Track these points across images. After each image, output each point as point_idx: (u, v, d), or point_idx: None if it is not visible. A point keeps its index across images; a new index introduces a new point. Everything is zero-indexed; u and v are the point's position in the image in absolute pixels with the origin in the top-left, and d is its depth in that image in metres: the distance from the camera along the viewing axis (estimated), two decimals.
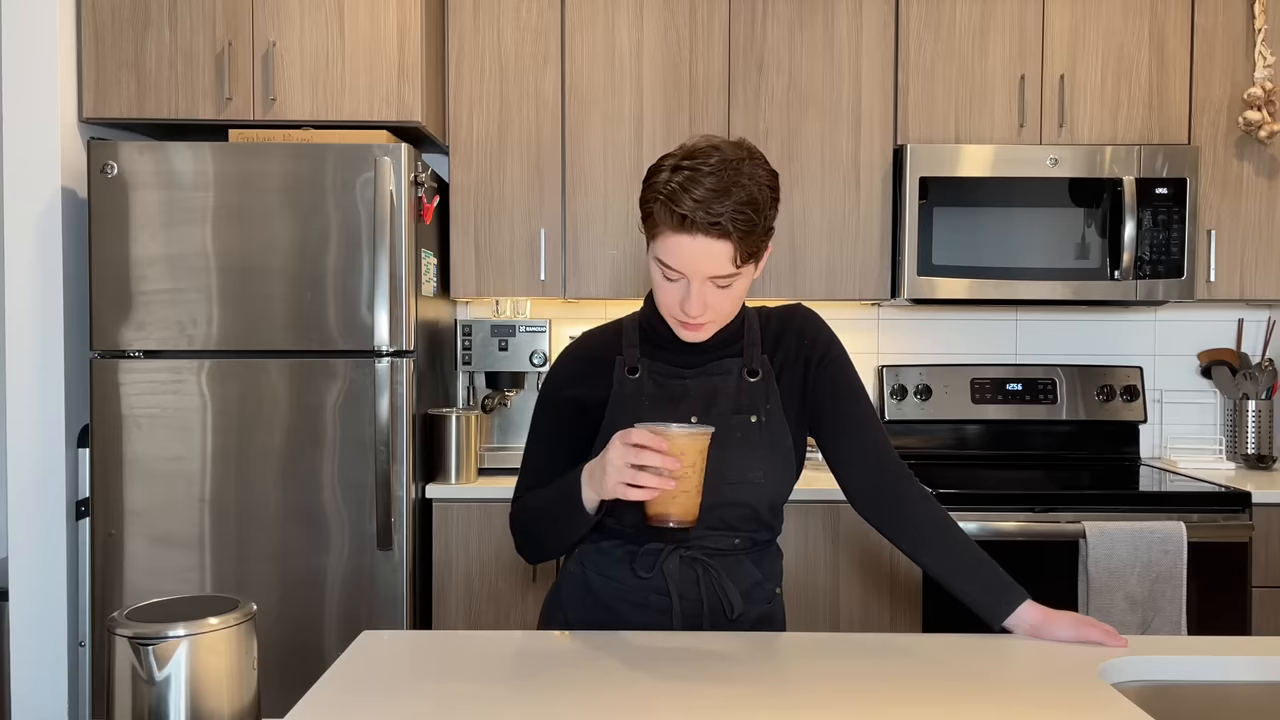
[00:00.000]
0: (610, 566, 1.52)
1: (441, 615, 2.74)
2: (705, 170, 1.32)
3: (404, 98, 2.73)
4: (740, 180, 1.33)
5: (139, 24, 2.70)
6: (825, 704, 1.18)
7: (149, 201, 2.53)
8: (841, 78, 2.97)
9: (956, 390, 3.21)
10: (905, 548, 1.49)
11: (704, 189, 1.31)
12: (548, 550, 1.49)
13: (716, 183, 1.32)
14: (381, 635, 1.43)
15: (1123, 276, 2.87)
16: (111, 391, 2.55)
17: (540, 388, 1.58)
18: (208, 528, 2.56)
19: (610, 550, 1.53)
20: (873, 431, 1.52)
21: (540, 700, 1.19)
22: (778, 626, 1.58)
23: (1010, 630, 1.44)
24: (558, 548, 1.48)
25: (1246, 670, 1.36)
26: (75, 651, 2.66)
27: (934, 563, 1.47)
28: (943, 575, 1.47)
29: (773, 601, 1.56)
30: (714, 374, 1.50)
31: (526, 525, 1.51)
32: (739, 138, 1.41)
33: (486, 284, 2.97)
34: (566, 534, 1.43)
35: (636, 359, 1.52)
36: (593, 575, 1.54)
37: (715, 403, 1.48)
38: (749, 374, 1.50)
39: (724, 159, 1.34)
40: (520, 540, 1.53)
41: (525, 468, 1.55)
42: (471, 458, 2.81)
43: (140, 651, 1.16)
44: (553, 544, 1.48)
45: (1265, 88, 2.89)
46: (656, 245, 1.38)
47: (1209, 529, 2.64)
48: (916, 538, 1.48)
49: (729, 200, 1.32)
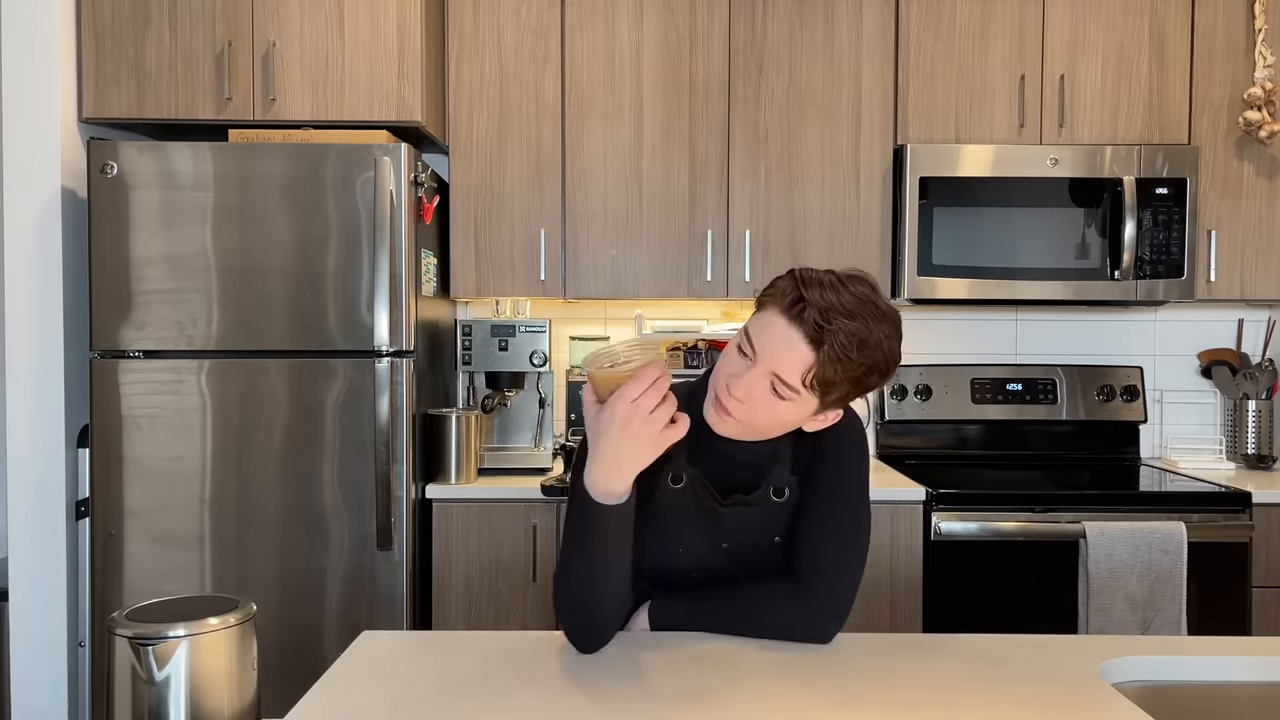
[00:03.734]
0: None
1: (441, 615, 2.74)
2: (850, 292, 1.29)
3: (404, 98, 2.73)
4: (871, 324, 1.28)
5: (139, 24, 2.70)
6: (824, 704, 1.18)
7: (149, 201, 2.53)
8: (842, 78, 2.97)
9: (956, 390, 3.21)
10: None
11: (838, 298, 1.27)
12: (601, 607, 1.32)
13: (853, 305, 1.28)
14: (381, 635, 1.43)
15: (1123, 276, 2.87)
16: (111, 391, 2.55)
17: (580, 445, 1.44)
18: (208, 528, 2.56)
19: None
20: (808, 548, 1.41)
21: (541, 700, 1.19)
22: None
23: None
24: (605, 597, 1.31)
25: (1246, 670, 1.36)
26: (75, 651, 2.66)
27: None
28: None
29: None
30: (749, 505, 1.45)
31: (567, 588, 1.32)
32: (891, 307, 1.34)
33: (486, 284, 2.97)
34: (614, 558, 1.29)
35: (684, 466, 1.46)
36: None
37: (746, 531, 1.46)
38: (775, 493, 1.46)
39: (874, 303, 1.30)
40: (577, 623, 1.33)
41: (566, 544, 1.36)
42: (471, 458, 2.81)
43: (140, 651, 1.16)
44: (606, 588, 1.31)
45: (1265, 88, 2.89)
46: (753, 317, 1.35)
47: (1209, 529, 2.64)
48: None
49: (850, 323, 1.27)
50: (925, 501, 2.68)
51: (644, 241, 2.97)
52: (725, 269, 2.97)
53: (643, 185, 2.97)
